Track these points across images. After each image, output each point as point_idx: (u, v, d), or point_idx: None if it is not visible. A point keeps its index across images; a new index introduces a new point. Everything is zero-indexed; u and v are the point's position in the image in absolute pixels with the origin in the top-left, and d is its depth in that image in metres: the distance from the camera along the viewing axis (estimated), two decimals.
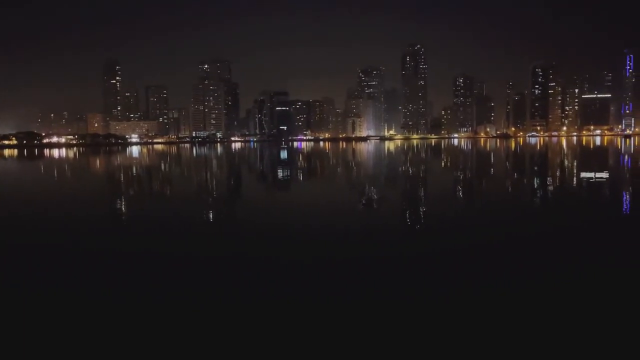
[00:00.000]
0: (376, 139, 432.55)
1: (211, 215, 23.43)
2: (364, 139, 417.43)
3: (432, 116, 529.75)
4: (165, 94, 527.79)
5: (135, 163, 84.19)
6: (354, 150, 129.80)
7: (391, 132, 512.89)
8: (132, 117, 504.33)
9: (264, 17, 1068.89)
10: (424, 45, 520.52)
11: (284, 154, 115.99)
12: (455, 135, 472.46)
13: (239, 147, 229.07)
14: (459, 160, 73.64)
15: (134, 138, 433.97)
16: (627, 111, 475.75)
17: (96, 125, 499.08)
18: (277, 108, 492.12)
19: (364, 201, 27.91)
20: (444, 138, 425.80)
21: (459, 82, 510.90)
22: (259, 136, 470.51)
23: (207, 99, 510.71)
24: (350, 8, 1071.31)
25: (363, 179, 44.16)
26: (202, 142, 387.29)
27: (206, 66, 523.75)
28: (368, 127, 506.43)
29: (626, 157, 72.86)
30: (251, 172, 59.76)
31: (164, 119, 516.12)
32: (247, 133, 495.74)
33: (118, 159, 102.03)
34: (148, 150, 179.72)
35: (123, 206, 27.70)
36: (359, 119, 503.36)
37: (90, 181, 48.93)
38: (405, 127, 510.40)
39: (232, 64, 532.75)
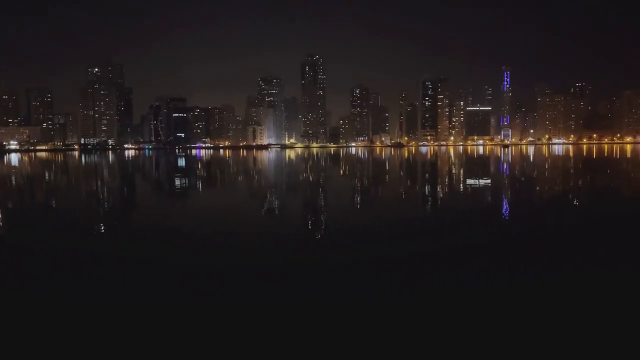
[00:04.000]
0: (277, 147, 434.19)
1: (94, 228, 21.94)
2: (265, 147, 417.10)
3: (331, 125, 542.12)
4: (49, 97, 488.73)
5: (11, 172, 76.91)
6: (254, 158, 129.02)
7: (292, 140, 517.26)
8: (10, 122, 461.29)
9: (163, 22, 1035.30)
10: (323, 56, 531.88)
11: (181, 162, 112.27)
12: (353, 144, 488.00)
13: (133, 154, 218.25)
14: (354, 168, 76.13)
15: (13, 145, 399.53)
16: (505, 123, 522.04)
17: None
18: (174, 114, 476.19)
19: (264, 208, 27.71)
20: (343, 147, 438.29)
21: (356, 92, 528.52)
22: (154, 143, 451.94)
23: (97, 103, 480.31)
24: (250, 16, 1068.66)
25: (262, 186, 43.94)
26: (92, 150, 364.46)
27: (96, 69, 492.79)
28: (269, 135, 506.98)
29: (504, 164, 79.70)
30: (144, 181, 57.05)
31: (48, 124, 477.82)
32: (141, 140, 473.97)
33: None
34: (29, 158, 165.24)
35: None
36: (259, 127, 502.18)
37: None
38: (306, 136, 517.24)
39: (125, 67, 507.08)
